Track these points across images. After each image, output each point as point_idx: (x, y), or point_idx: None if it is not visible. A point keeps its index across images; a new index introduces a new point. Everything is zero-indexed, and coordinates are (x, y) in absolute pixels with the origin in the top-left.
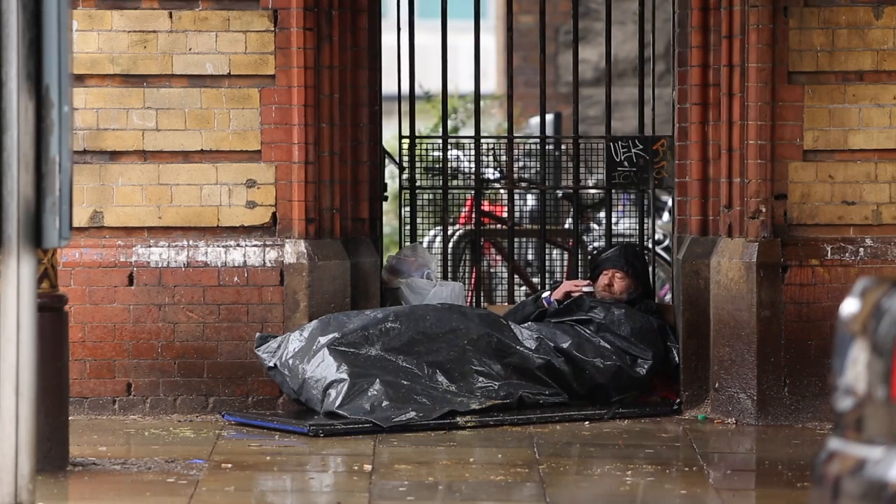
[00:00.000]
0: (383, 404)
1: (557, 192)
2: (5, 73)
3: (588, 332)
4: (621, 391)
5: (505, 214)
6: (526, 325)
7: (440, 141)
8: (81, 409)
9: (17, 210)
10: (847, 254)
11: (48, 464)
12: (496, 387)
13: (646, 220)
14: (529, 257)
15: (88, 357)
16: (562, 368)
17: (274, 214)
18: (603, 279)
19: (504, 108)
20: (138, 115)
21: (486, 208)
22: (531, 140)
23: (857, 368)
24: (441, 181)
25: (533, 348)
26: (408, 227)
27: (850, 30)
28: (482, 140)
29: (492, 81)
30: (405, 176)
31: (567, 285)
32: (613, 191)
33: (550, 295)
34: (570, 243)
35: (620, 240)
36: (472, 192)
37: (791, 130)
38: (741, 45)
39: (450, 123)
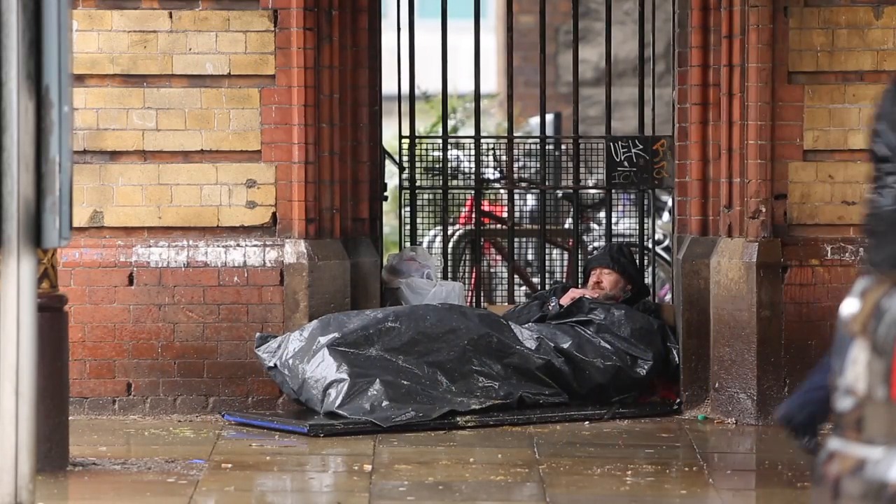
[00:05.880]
0: (383, 404)
1: (557, 192)
2: (5, 73)
3: (588, 332)
4: (621, 391)
5: (505, 214)
6: (526, 325)
7: (440, 141)
8: (81, 409)
9: (17, 210)
10: (847, 254)
11: (48, 464)
12: (496, 387)
13: (646, 220)
14: (529, 257)
15: (88, 357)
16: (562, 368)
17: (274, 214)
18: (592, 279)
19: (504, 108)
20: (138, 115)
21: (486, 208)
22: (531, 140)
23: (857, 368)
24: (441, 181)
25: (533, 348)
26: (408, 227)
27: (850, 30)
28: (482, 140)
29: (492, 81)
30: (405, 176)
31: (575, 292)
32: (613, 191)
33: (558, 301)
34: (570, 243)
35: (620, 240)
36: (472, 192)
37: (791, 130)
38: (741, 45)
39: (449, 123)
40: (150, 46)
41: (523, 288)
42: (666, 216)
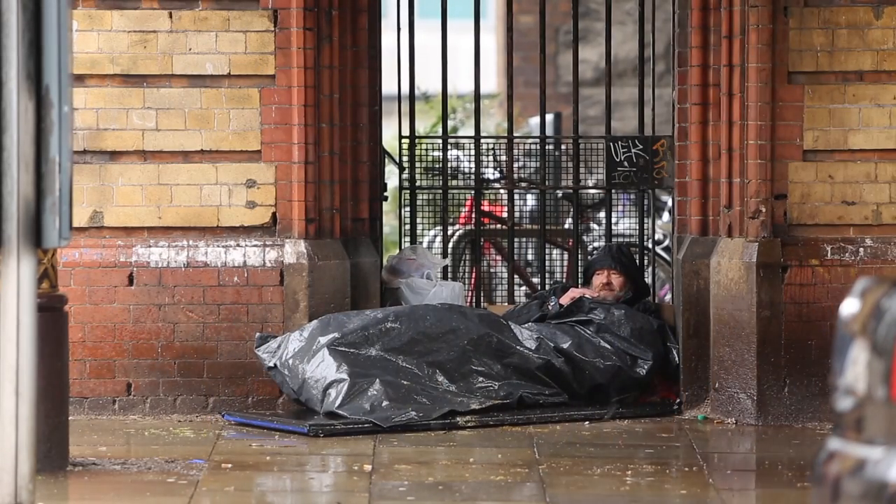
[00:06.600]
0: (383, 404)
1: (557, 192)
2: (5, 73)
3: (588, 332)
4: (621, 391)
5: (505, 214)
6: (526, 325)
7: (440, 141)
8: (81, 409)
9: (17, 210)
10: (847, 254)
11: (48, 464)
12: (496, 387)
13: (646, 220)
14: (529, 257)
15: (88, 357)
16: (562, 368)
17: (274, 214)
18: (600, 279)
19: (504, 108)
20: (138, 115)
21: (486, 208)
22: (531, 140)
23: (857, 368)
24: (441, 181)
25: (533, 348)
26: (408, 227)
27: (850, 30)
28: (482, 140)
29: (492, 81)
30: (405, 176)
31: (575, 291)
32: (613, 191)
33: (558, 300)
34: (570, 243)
35: (620, 240)
36: (472, 192)
37: (791, 130)
38: (741, 45)
39: (449, 123)
40: (150, 46)
41: (523, 288)
42: (666, 216)
